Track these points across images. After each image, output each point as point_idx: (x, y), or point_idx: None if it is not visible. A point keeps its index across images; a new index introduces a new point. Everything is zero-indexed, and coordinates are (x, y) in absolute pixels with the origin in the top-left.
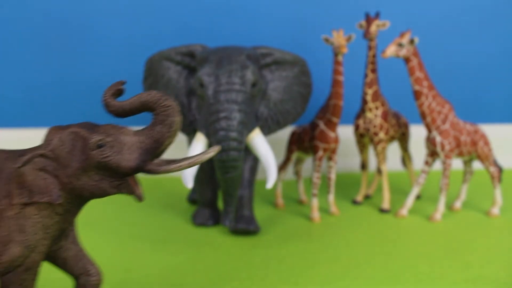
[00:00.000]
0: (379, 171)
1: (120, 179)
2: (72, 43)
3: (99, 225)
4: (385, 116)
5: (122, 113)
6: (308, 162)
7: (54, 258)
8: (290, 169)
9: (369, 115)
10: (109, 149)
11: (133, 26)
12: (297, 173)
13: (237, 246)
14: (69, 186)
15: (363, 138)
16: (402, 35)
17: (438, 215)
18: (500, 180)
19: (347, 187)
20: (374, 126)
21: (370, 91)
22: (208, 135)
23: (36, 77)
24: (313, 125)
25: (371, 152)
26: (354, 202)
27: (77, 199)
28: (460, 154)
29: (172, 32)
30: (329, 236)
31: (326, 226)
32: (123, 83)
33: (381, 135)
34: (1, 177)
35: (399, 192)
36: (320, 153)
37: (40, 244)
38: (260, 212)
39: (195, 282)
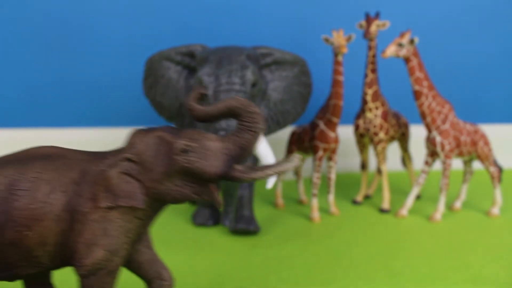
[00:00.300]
0: (379, 171)
1: (202, 185)
2: (72, 43)
3: None
4: (385, 116)
5: (207, 118)
6: (308, 162)
7: (130, 261)
8: None
9: (369, 115)
10: (193, 155)
11: (133, 26)
12: (297, 173)
13: (237, 246)
14: (152, 190)
15: (363, 138)
16: (402, 35)
17: (438, 215)
18: (500, 180)
19: (347, 187)
20: (374, 126)
21: (370, 91)
22: None
23: (36, 77)
24: (313, 125)
25: (371, 152)
26: (354, 202)
27: (157, 204)
28: (460, 154)
29: (172, 32)
30: (329, 236)
31: (326, 226)
32: (204, 88)
33: (381, 135)
34: (85, 179)
35: (399, 192)
36: (320, 153)
37: (122, 248)
38: (260, 212)
39: (195, 282)
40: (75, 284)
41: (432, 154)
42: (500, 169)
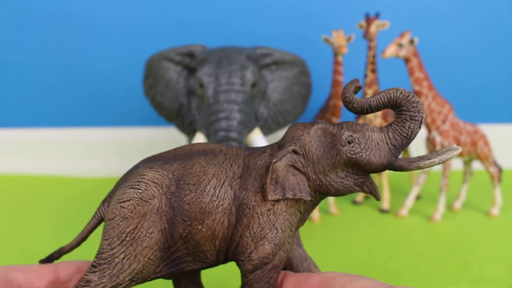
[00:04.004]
0: None
1: (364, 177)
2: (72, 43)
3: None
4: (385, 116)
5: (368, 110)
6: None
7: None
8: None
9: (369, 115)
10: (357, 146)
11: (133, 26)
12: None
13: None
14: (316, 183)
15: None
16: (402, 35)
17: (438, 215)
18: (500, 180)
19: None
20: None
21: (370, 91)
22: (208, 135)
23: (36, 77)
24: None
25: None
26: (354, 202)
27: (318, 197)
28: (460, 154)
29: (172, 32)
30: (329, 236)
31: (326, 226)
32: (359, 80)
33: None
34: (248, 173)
35: (399, 192)
36: None
37: (286, 242)
38: None
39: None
40: None
41: None
42: (500, 169)
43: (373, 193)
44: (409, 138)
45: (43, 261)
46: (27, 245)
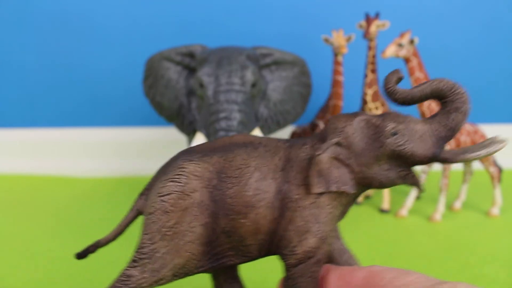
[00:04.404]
0: None
1: (406, 169)
2: (72, 43)
3: (98, 225)
4: None
5: (410, 101)
6: None
7: None
8: None
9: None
10: (401, 137)
11: (133, 26)
12: None
13: None
14: (359, 175)
15: None
16: (402, 35)
17: (438, 215)
18: (500, 180)
19: None
20: None
21: (370, 91)
22: (208, 135)
23: (36, 77)
24: (313, 125)
25: None
26: (354, 202)
27: (360, 190)
28: None
29: (172, 32)
30: None
31: None
32: (399, 70)
33: None
34: (290, 165)
35: (399, 192)
36: None
37: (330, 236)
38: None
39: (194, 282)
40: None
41: None
42: (500, 169)
43: (417, 185)
44: (453, 130)
45: (79, 255)
46: (27, 245)
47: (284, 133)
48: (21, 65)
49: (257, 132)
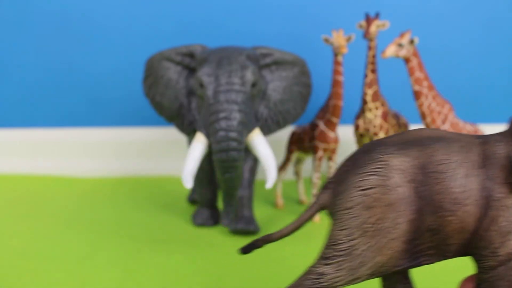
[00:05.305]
0: None
1: None
2: (72, 43)
3: (99, 225)
4: (385, 117)
5: None
6: (308, 162)
7: None
8: (290, 169)
9: (369, 115)
10: None
11: (133, 26)
12: (297, 173)
13: (237, 246)
14: None
15: (363, 138)
16: (402, 35)
17: None
18: None
19: None
20: (374, 126)
21: (370, 91)
22: (208, 135)
23: (36, 77)
24: (313, 125)
25: None
26: None
27: None
28: None
29: (172, 32)
30: None
31: (326, 226)
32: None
33: (381, 135)
34: (491, 162)
35: None
36: (320, 153)
37: None
38: (260, 212)
39: (194, 282)
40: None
41: None
42: None
43: None
44: None
45: (244, 250)
46: (27, 245)
47: (284, 133)
48: (21, 65)
49: (257, 132)
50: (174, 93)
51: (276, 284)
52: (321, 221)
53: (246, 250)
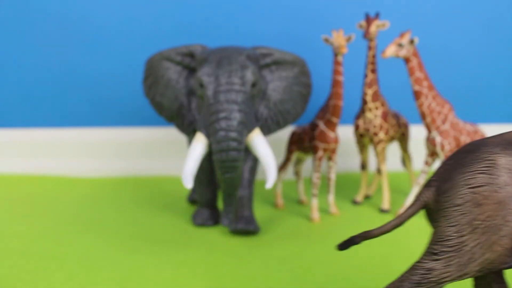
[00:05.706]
0: (379, 171)
1: None
2: (72, 44)
3: (99, 225)
4: (385, 116)
5: None
6: (308, 162)
7: None
8: (290, 169)
9: (369, 115)
10: None
11: (133, 26)
12: (297, 173)
13: (237, 246)
14: None
15: (363, 138)
16: (402, 35)
17: None
18: None
19: (347, 187)
20: (374, 126)
21: (370, 91)
22: (208, 135)
23: (36, 77)
24: (313, 125)
25: (371, 152)
26: (354, 202)
27: None
28: None
29: (172, 32)
30: (329, 236)
31: (326, 226)
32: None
33: (381, 135)
34: None
35: (399, 192)
36: (320, 153)
37: None
38: (260, 212)
39: (194, 282)
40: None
41: (432, 154)
42: None
43: None
44: None
45: (341, 246)
46: (27, 245)
47: (284, 133)
48: (21, 65)
49: (257, 132)
50: (174, 93)
51: (276, 284)
52: (321, 221)
53: (343, 246)
